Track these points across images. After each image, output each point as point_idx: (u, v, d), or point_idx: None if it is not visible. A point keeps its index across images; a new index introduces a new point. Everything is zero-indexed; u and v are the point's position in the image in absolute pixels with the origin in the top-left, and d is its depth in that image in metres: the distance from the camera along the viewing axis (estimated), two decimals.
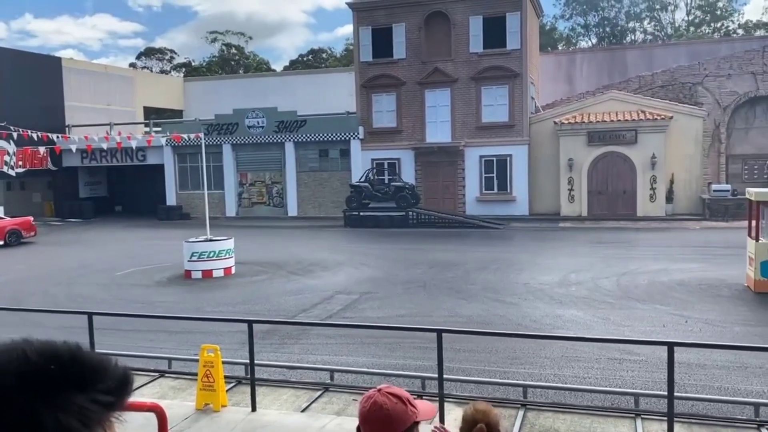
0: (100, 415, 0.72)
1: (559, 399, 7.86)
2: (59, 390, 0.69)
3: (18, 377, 0.68)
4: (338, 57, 62.99)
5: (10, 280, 17.27)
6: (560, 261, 17.74)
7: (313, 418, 7.02)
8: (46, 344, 0.74)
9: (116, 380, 0.75)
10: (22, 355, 0.71)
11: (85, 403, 0.70)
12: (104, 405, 0.72)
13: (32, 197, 35.63)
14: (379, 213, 27.50)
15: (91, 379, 0.72)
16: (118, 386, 0.75)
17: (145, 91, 43.62)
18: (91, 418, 0.71)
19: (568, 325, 11.31)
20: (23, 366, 0.69)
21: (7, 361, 0.70)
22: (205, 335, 10.11)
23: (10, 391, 0.67)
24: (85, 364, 0.73)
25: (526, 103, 29.54)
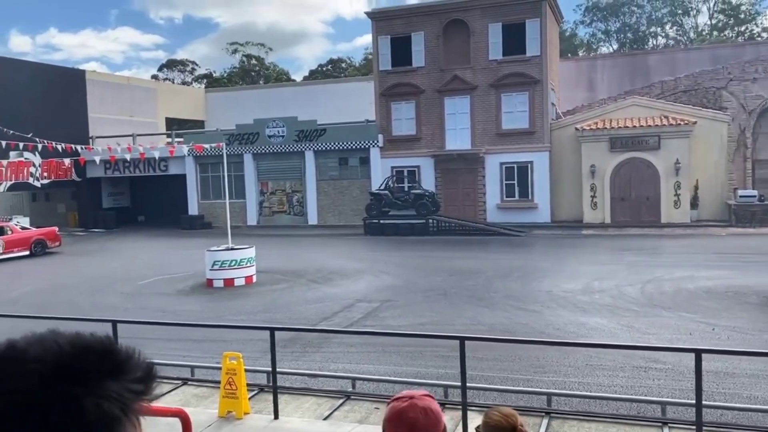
0: (134, 402, 0.74)
1: (584, 407, 7.74)
2: (96, 378, 0.72)
3: (56, 366, 0.70)
4: (357, 66, 63.28)
5: (36, 289, 17.51)
6: (583, 268, 17.55)
7: (336, 426, 6.99)
8: (77, 335, 0.76)
9: (143, 370, 0.77)
10: (56, 345, 0.72)
11: (122, 390, 0.73)
12: (137, 393, 0.75)
13: (57, 208, 36.18)
14: (399, 221, 27.46)
15: (122, 367, 0.75)
16: (145, 376, 0.77)
17: (167, 102, 44.19)
18: (129, 405, 0.73)
19: (592, 333, 11.16)
20: (60, 355, 0.71)
21: (43, 351, 0.71)
22: (227, 343, 10.14)
23: (50, 379, 0.69)
24: (116, 354, 0.76)
25: (546, 109, 29.38)
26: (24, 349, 0.71)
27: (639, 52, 45.22)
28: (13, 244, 24.01)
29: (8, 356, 0.71)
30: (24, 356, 0.70)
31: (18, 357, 0.70)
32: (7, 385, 0.67)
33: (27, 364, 0.69)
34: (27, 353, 0.71)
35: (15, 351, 0.71)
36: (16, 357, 0.70)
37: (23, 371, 0.69)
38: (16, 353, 0.71)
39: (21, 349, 0.72)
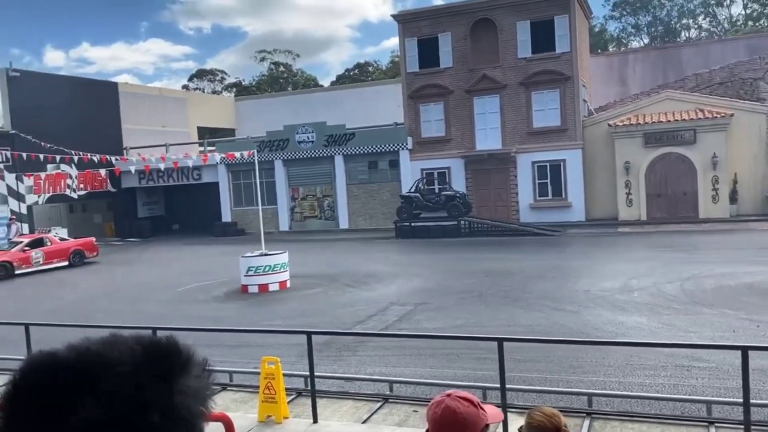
0: (206, 398, 0.77)
1: (626, 407, 7.59)
2: (174, 377, 0.73)
3: (138, 367, 0.71)
4: (384, 69, 63.40)
5: (76, 299, 17.89)
6: (620, 267, 17.26)
7: (375, 429, 6.97)
8: (140, 337, 0.77)
9: (202, 366, 0.79)
10: (128, 348, 0.73)
11: (196, 387, 0.75)
12: (204, 388, 0.77)
13: (93, 218, 36.95)
14: (431, 223, 27.37)
15: (188, 365, 0.77)
16: (203, 370, 0.79)
17: (198, 111, 44.85)
18: (204, 399, 0.76)
19: (632, 332, 10.95)
20: (135, 358, 0.72)
21: (120, 355, 0.72)
22: (264, 348, 10.21)
23: (144, 380, 0.70)
24: (181, 352, 0.77)
25: (578, 106, 29.01)
26: (103, 353, 0.72)
27: (671, 45, 44.40)
28: (53, 255, 24.57)
29: (92, 361, 0.70)
30: (107, 360, 0.71)
31: (103, 360, 0.71)
32: (106, 387, 0.68)
33: (115, 367, 0.70)
34: (109, 357, 0.71)
35: (94, 355, 0.71)
36: (101, 360, 0.71)
37: (115, 374, 0.69)
38: (97, 357, 0.71)
39: (99, 353, 0.72)
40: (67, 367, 0.70)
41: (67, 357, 0.71)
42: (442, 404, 2.01)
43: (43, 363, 0.71)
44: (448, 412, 1.99)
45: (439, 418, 2.00)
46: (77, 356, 0.71)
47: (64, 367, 0.70)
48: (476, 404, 2.04)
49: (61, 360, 0.71)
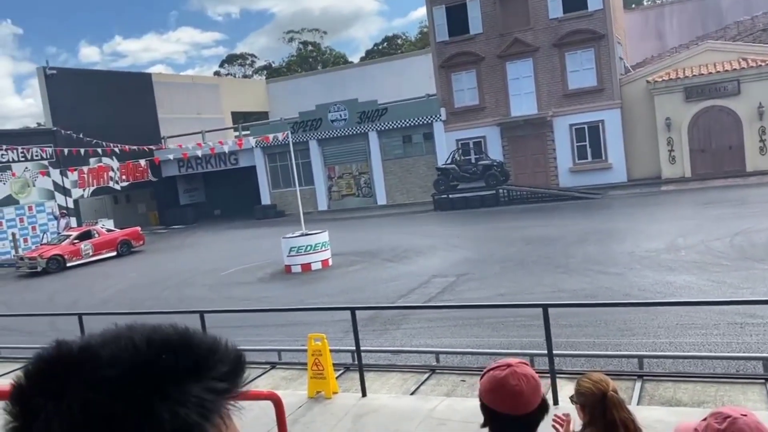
0: (217, 404, 0.66)
1: (678, 368, 7.47)
2: (173, 381, 0.64)
3: (130, 370, 0.63)
4: (413, 41, 62.69)
5: (125, 287, 18.39)
6: (666, 226, 16.87)
7: (423, 400, 7.01)
8: (154, 331, 0.68)
9: (229, 363, 0.69)
10: (131, 344, 0.65)
11: (202, 393, 0.65)
12: (220, 392, 0.66)
13: (137, 208, 37.78)
14: (469, 194, 27.15)
15: (204, 365, 0.67)
16: (232, 370, 0.68)
17: (231, 97, 45.19)
18: (210, 408, 0.65)
19: (681, 292, 10.72)
20: (134, 357, 0.64)
21: (118, 352, 0.64)
22: (310, 326, 10.33)
23: (124, 387, 0.62)
24: (196, 349, 0.67)
25: (614, 64, 28.22)
26: (96, 353, 0.64)
27: None
28: (101, 246, 25.26)
29: (80, 360, 0.64)
30: (97, 360, 0.63)
31: (90, 361, 0.63)
32: (77, 395, 0.61)
33: (99, 370, 0.62)
34: (100, 357, 0.64)
35: (87, 353, 0.64)
36: (88, 360, 0.63)
37: (95, 379, 0.62)
38: (88, 356, 0.64)
39: (94, 352, 0.64)
40: (57, 365, 0.64)
41: (70, 351, 0.65)
42: (516, 375, 1.96)
43: (44, 357, 0.66)
44: (527, 379, 1.96)
45: (523, 390, 1.94)
46: (78, 351, 0.65)
47: (55, 364, 0.64)
48: (537, 379, 2.03)
49: (64, 353, 0.65)
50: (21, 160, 30.26)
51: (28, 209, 30.57)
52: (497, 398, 1.96)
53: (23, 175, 30.27)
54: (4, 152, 29.48)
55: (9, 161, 29.74)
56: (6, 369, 10.53)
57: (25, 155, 30.41)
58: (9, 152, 29.64)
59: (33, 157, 30.76)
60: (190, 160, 35.63)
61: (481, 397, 2.02)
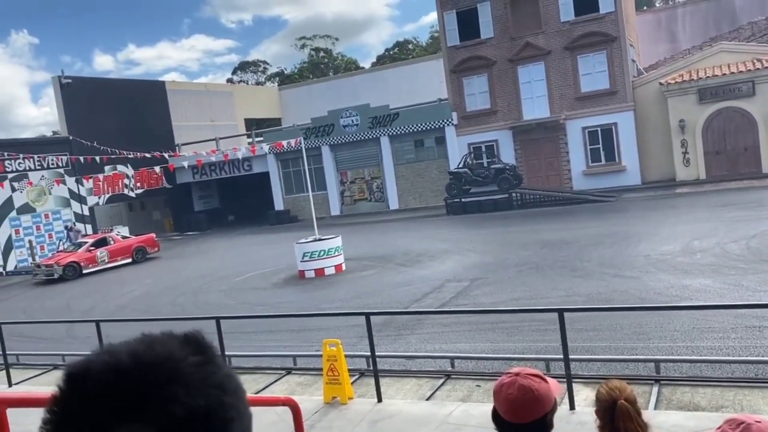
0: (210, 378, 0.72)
1: (696, 372, 7.40)
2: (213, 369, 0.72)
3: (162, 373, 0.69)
4: (424, 46, 62.77)
5: (141, 293, 18.52)
6: (681, 229, 16.75)
7: (439, 405, 7.01)
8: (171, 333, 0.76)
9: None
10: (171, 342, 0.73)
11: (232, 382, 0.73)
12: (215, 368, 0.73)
13: (152, 215, 38.05)
14: (481, 197, 27.10)
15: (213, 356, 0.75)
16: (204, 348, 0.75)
17: (244, 103, 45.45)
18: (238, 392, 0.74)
19: (697, 295, 10.64)
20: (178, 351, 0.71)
21: (166, 350, 0.71)
22: (325, 331, 10.37)
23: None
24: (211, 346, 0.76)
25: (626, 67, 28.10)
26: (168, 353, 0.71)
27: None
28: (117, 252, 25.47)
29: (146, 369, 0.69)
30: (175, 357, 0.71)
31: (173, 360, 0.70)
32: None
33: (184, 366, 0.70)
34: (174, 355, 0.71)
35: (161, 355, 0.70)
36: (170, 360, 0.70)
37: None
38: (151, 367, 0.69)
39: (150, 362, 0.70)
40: (125, 376, 0.68)
41: (124, 364, 0.69)
42: (515, 384, 2.00)
43: (96, 369, 0.70)
44: (524, 391, 1.99)
45: (516, 399, 1.99)
46: (134, 363, 0.69)
47: (122, 375, 0.68)
48: (545, 378, 2.05)
49: (117, 367, 0.69)
50: (37, 168, 30.60)
51: (45, 217, 30.89)
52: (497, 403, 2.04)
53: (40, 183, 30.60)
54: (21, 161, 29.82)
55: (26, 170, 30.08)
56: (25, 375, 10.65)
57: (41, 164, 30.75)
58: (26, 161, 29.99)
59: (49, 165, 31.10)
60: (204, 166, 35.85)
61: (495, 405, 2.08)
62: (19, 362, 11.46)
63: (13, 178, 29.49)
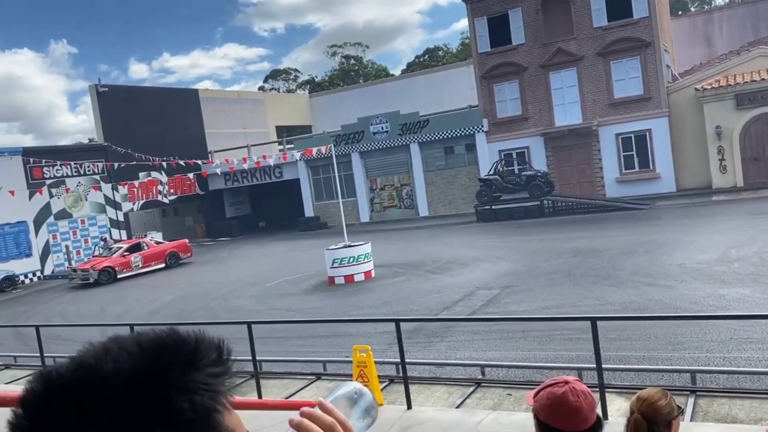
0: (220, 387, 0.71)
1: (733, 384, 7.22)
2: (179, 373, 0.68)
3: (136, 374, 0.66)
4: (455, 53, 62.68)
5: (174, 298, 18.78)
6: (717, 237, 16.39)
7: (469, 413, 6.95)
8: (139, 336, 0.72)
9: (216, 349, 0.73)
10: (126, 353, 0.69)
11: (206, 379, 0.70)
12: (219, 376, 0.71)
13: (185, 221, 38.62)
14: (512, 205, 26.89)
15: (197, 355, 0.71)
16: (219, 355, 0.73)
17: (275, 111, 45.93)
18: (216, 391, 0.70)
19: (734, 305, 10.38)
20: (134, 362, 0.67)
21: (117, 362, 0.67)
22: (354, 337, 10.37)
23: (139, 390, 0.65)
24: (185, 342, 0.72)
25: (661, 72, 27.67)
26: (97, 366, 0.67)
27: None
28: (150, 258, 25.89)
29: (88, 376, 0.66)
30: (101, 373, 0.66)
31: (96, 375, 0.66)
32: (101, 408, 0.63)
33: (108, 381, 0.65)
34: (103, 370, 0.66)
35: (88, 369, 0.67)
36: (94, 376, 0.66)
37: (108, 389, 0.65)
38: (92, 372, 0.67)
39: (93, 366, 0.67)
40: (61, 385, 0.66)
41: (63, 372, 0.67)
42: (574, 389, 2.01)
43: (40, 381, 0.68)
44: (582, 397, 2.00)
45: (570, 402, 1.98)
46: (72, 371, 0.67)
47: (58, 384, 0.66)
48: (593, 396, 2.07)
49: (56, 377, 0.67)
50: (74, 175, 31.32)
51: (81, 222, 31.58)
52: (557, 415, 1.99)
53: (76, 189, 31.31)
54: (59, 168, 30.56)
55: (63, 176, 30.81)
56: None
57: (78, 170, 31.47)
58: (63, 168, 30.72)
59: (85, 172, 31.80)
60: (236, 173, 36.29)
61: (537, 413, 2.03)
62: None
63: (51, 185, 30.23)
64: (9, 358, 12.54)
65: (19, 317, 18.97)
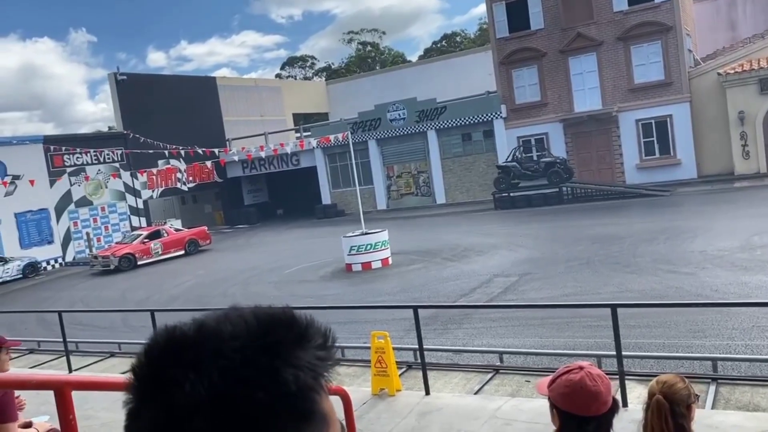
0: (323, 370, 0.73)
1: (755, 372, 7.15)
2: (288, 349, 0.71)
3: (251, 341, 0.70)
4: (472, 38, 62.19)
5: (194, 284, 18.96)
6: (740, 224, 16.16)
7: (488, 399, 6.95)
8: (258, 309, 0.75)
9: (323, 336, 0.76)
10: (243, 321, 0.72)
11: (312, 359, 0.72)
12: (322, 360, 0.73)
13: (204, 208, 38.87)
14: (531, 192, 26.72)
15: (306, 336, 0.74)
16: (326, 341, 0.76)
17: (292, 98, 45.94)
18: (319, 372, 0.72)
19: (757, 293, 10.26)
20: (250, 331, 0.71)
21: (234, 328, 0.71)
22: (372, 324, 10.41)
23: (250, 355, 0.69)
24: (298, 322, 0.75)
25: (682, 57, 27.22)
26: (217, 328, 0.71)
27: None
28: (170, 245, 26.14)
29: (207, 335, 0.70)
30: (219, 335, 0.70)
31: (215, 336, 0.70)
32: (213, 364, 0.67)
33: (225, 343, 0.69)
34: (221, 332, 0.70)
35: (209, 330, 0.71)
36: (213, 336, 0.70)
37: (223, 350, 0.68)
38: (211, 332, 0.71)
39: (213, 328, 0.71)
40: (183, 341, 0.70)
41: (186, 330, 0.71)
42: (593, 374, 2.02)
43: (164, 336, 0.72)
44: (599, 382, 2.00)
45: (590, 388, 2.00)
46: (194, 329, 0.71)
47: (180, 340, 0.71)
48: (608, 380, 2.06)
49: (179, 333, 0.71)
50: (94, 162, 31.63)
51: (101, 210, 31.93)
52: (575, 401, 1.99)
53: (96, 177, 31.64)
54: (79, 155, 30.88)
55: (83, 164, 31.14)
56: (84, 362, 11.04)
57: (98, 158, 31.77)
58: (83, 155, 31.03)
59: (105, 159, 32.10)
60: (253, 161, 36.42)
61: (556, 402, 2.02)
62: (78, 349, 11.88)
63: (71, 173, 30.57)
64: (33, 343, 12.75)
65: (42, 303, 19.27)
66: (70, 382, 2.47)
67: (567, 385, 1.99)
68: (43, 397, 3.51)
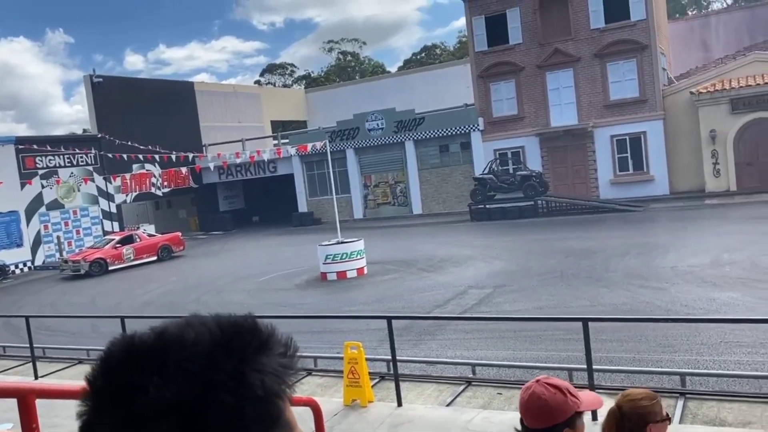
0: (287, 377, 0.73)
1: (723, 387, 7.25)
2: (252, 355, 0.71)
3: (215, 347, 0.70)
4: (452, 51, 62.68)
5: (166, 291, 18.72)
6: (710, 241, 16.45)
7: (459, 412, 6.96)
8: (219, 317, 0.75)
9: (284, 344, 0.76)
10: (206, 327, 0.72)
11: (276, 366, 0.72)
12: (285, 367, 0.74)
13: (178, 214, 38.47)
14: (506, 204, 26.93)
15: (268, 343, 0.74)
16: (288, 349, 0.76)
17: (270, 105, 45.78)
18: (284, 380, 0.72)
19: (725, 309, 10.44)
20: (213, 338, 0.71)
21: (197, 334, 0.71)
22: (345, 334, 10.36)
23: (215, 359, 0.69)
24: (260, 330, 0.74)
25: (657, 75, 27.75)
26: (179, 335, 0.70)
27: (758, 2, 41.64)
28: (142, 250, 25.79)
29: (169, 342, 0.70)
30: (182, 341, 0.70)
31: (177, 342, 0.70)
32: (179, 368, 0.67)
33: (188, 348, 0.69)
34: (184, 338, 0.70)
35: (171, 337, 0.71)
36: (176, 342, 0.70)
37: (188, 354, 0.68)
38: (174, 339, 0.70)
39: (175, 335, 0.71)
40: (143, 348, 0.70)
41: (145, 338, 0.71)
42: (530, 390, 2.04)
43: (122, 345, 0.71)
44: (533, 398, 2.01)
45: (525, 403, 2.04)
46: (155, 337, 0.71)
47: (140, 347, 0.70)
48: (564, 391, 2.02)
49: (138, 341, 0.71)
50: (67, 165, 31.15)
51: (73, 213, 31.41)
52: (535, 415, 2.03)
53: (68, 180, 31.13)
54: (52, 158, 30.38)
55: (56, 166, 30.64)
56: (51, 369, 10.82)
57: (71, 161, 31.29)
58: (56, 158, 30.54)
59: (78, 162, 31.63)
60: (229, 167, 36.18)
61: (524, 420, 2.09)
62: (45, 355, 11.64)
63: (43, 175, 30.05)
64: None
65: (10, 307, 18.87)
66: (34, 390, 2.42)
67: (522, 396, 2.07)
68: (7, 404, 3.43)
